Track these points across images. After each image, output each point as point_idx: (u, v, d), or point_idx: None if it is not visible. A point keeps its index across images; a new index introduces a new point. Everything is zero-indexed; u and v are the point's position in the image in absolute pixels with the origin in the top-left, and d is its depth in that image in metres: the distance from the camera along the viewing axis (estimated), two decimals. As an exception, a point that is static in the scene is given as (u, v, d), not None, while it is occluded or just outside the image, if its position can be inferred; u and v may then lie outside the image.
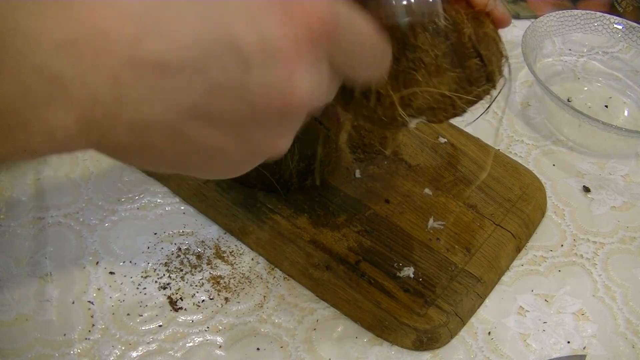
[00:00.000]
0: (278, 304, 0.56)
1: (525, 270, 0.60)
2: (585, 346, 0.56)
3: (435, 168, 0.65)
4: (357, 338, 0.54)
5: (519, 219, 0.62)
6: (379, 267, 0.56)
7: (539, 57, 0.78)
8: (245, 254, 0.58)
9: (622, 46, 0.80)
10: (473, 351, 0.54)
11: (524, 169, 0.66)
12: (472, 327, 0.56)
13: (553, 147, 0.72)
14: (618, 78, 0.79)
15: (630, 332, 0.57)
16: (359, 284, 0.55)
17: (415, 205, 0.61)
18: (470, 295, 0.56)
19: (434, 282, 0.56)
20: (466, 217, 0.61)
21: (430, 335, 0.53)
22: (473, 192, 0.63)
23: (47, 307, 0.53)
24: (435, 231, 0.60)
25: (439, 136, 0.68)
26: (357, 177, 0.63)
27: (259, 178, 0.58)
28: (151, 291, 0.55)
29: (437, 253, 0.58)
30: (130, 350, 0.52)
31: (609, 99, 0.77)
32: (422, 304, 0.55)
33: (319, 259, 0.56)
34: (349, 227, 0.59)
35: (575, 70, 0.80)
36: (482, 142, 0.68)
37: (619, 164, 0.71)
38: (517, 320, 0.57)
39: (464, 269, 0.57)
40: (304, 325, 0.54)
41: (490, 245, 0.59)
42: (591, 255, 0.62)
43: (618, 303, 0.59)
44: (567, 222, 0.65)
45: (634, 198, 0.68)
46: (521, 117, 0.75)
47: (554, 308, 0.58)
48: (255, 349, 0.53)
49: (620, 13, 0.86)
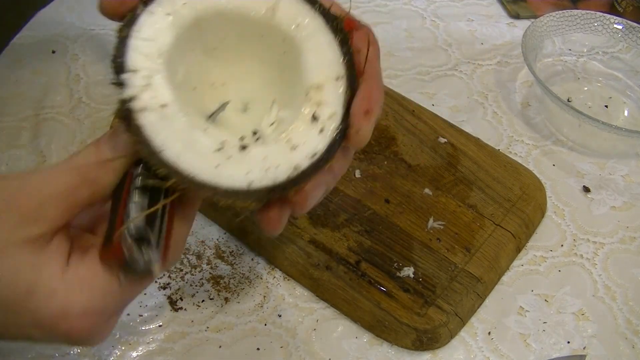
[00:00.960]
0: (278, 304, 0.55)
1: (525, 270, 0.60)
2: (585, 346, 0.56)
3: (435, 168, 0.65)
4: (357, 338, 0.54)
5: (519, 219, 0.62)
6: (379, 267, 0.56)
7: (539, 57, 0.78)
8: (245, 254, 0.58)
9: (622, 46, 0.80)
10: (473, 351, 0.54)
11: (524, 169, 0.66)
12: (472, 327, 0.56)
13: (553, 147, 0.72)
14: (618, 78, 0.79)
15: (630, 332, 0.57)
16: (359, 284, 0.55)
17: (415, 205, 0.61)
18: (470, 295, 0.56)
19: (434, 282, 0.56)
20: (466, 217, 0.61)
21: (430, 335, 0.53)
22: (473, 192, 0.63)
23: (47, 307, 0.53)
24: (435, 231, 0.60)
25: (439, 136, 0.68)
26: (357, 177, 0.63)
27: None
28: (151, 291, 0.55)
29: (437, 253, 0.58)
30: (130, 350, 0.52)
31: (609, 99, 0.77)
32: (422, 304, 0.55)
33: (319, 259, 0.56)
34: (349, 227, 0.59)
35: (575, 70, 0.80)
36: (482, 142, 0.68)
37: (619, 164, 0.71)
38: (517, 320, 0.57)
39: (464, 269, 0.57)
40: (304, 325, 0.54)
41: (490, 245, 0.59)
42: (591, 255, 0.62)
43: (618, 303, 0.59)
44: (567, 222, 0.65)
45: (634, 198, 0.68)
46: (521, 117, 0.75)
47: (554, 308, 0.58)
48: (255, 349, 0.53)
49: (620, 13, 0.86)
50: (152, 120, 0.35)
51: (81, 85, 0.72)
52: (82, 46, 0.76)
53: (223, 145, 0.36)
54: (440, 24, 0.86)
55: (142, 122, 0.35)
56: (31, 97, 0.70)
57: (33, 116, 0.68)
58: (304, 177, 0.37)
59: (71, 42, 0.76)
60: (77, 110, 0.69)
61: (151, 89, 0.36)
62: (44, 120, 0.68)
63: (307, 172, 0.37)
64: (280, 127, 0.39)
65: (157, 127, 0.35)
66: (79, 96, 0.71)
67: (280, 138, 0.38)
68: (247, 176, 0.36)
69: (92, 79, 0.72)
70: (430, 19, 0.86)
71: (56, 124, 0.68)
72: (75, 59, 0.74)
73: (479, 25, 0.86)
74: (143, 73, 0.36)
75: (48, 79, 0.72)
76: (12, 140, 0.66)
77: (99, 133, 0.66)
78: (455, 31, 0.85)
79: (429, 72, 0.79)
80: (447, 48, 0.83)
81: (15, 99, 0.70)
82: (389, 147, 0.66)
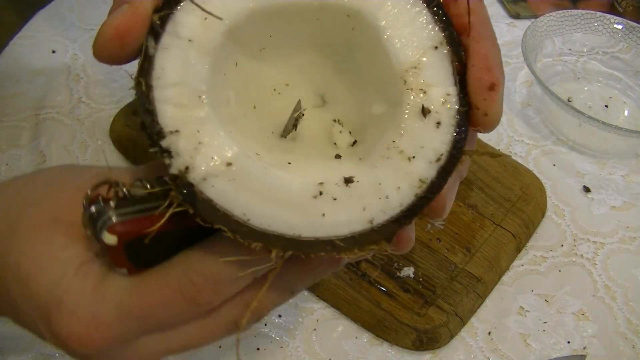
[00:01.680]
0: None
1: (525, 270, 0.60)
2: (585, 346, 0.56)
3: (435, 168, 0.65)
4: (357, 338, 0.54)
5: (519, 219, 0.62)
6: (379, 267, 0.56)
7: (539, 57, 0.77)
8: (245, 254, 0.58)
9: (622, 46, 0.80)
10: (473, 351, 0.54)
11: (524, 169, 0.66)
12: (472, 327, 0.56)
13: (553, 147, 0.72)
14: (618, 78, 0.79)
15: (630, 332, 0.57)
16: (359, 284, 0.55)
17: (415, 205, 0.61)
18: (470, 295, 0.56)
19: (434, 282, 0.56)
20: (466, 217, 0.61)
21: (430, 335, 0.53)
22: (473, 192, 0.63)
23: (47, 307, 0.53)
24: (435, 231, 0.59)
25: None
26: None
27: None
28: (151, 291, 0.55)
29: (437, 253, 0.58)
30: (130, 350, 0.52)
31: (609, 99, 0.77)
32: (422, 304, 0.55)
33: (319, 259, 0.56)
34: (349, 227, 0.58)
35: (575, 70, 0.80)
36: (482, 142, 0.68)
37: (619, 164, 0.71)
38: (517, 320, 0.57)
39: (464, 269, 0.57)
40: (304, 325, 0.54)
41: (490, 245, 0.59)
42: (591, 255, 0.62)
43: (618, 303, 0.59)
44: (567, 222, 0.65)
45: (634, 198, 0.68)
46: (521, 117, 0.75)
47: (554, 308, 0.58)
48: (255, 349, 0.53)
49: (620, 13, 0.86)
50: (221, 187, 0.27)
51: (81, 85, 0.72)
52: (82, 46, 0.76)
53: (322, 188, 0.29)
54: (440, 24, 0.86)
55: (210, 194, 0.27)
56: (31, 97, 0.70)
57: (33, 116, 0.68)
58: (434, 189, 0.30)
59: (71, 42, 0.76)
60: (77, 110, 0.69)
61: (205, 146, 0.28)
62: (44, 120, 0.68)
63: (437, 182, 0.30)
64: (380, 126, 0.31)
65: (230, 192, 0.27)
66: (79, 96, 0.71)
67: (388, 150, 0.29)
68: (365, 213, 0.29)
69: (92, 79, 0.72)
70: (430, 19, 0.86)
71: (56, 124, 0.68)
72: (75, 59, 0.74)
73: (479, 25, 0.86)
74: (188, 130, 0.28)
75: (48, 79, 0.72)
76: (12, 140, 0.66)
77: (99, 133, 0.67)
78: (455, 31, 0.85)
79: (429, 72, 0.79)
80: (447, 48, 0.83)
81: (15, 99, 0.70)
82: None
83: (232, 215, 0.27)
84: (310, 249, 0.28)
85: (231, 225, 0.27)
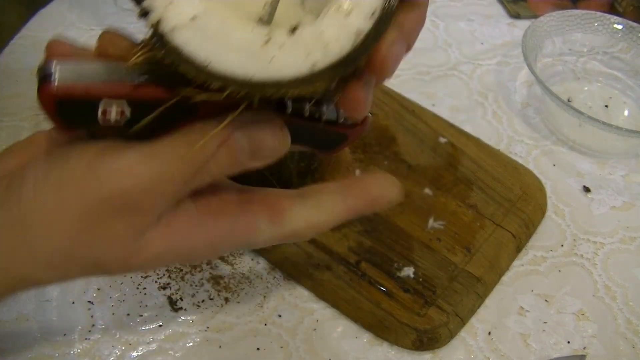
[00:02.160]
0: (278, 304, 0.55)
1: (525, 270, 0.60)
2: (585, 346, 0.56)
3: (435, 168, 0.65)
4: (357, 338, 0.54)
5: (519, 219, 0.62)
6: (379, 267, 0.56)
7: (539, 57, 0.78)
8: (245, 254, 0.58)
9: (622, 46, 0.80)
10: (473, 351, 0.54)
11: (524, 169, 0.66)
12: (472, 327, 0.56)
13: (553, 147, 0.72)
14: (618, 78, 0.79)
15: (630, 332, 0.57)
16: (359, 284, 0.55)
17: (415, 205, 0.61)
18: (470, 295, 0.56)
19: (434, 282, 0.56)
20: (466, 217, 0.61)
21: (430, 335, 0.53)
22: (473, 192, 0.63)
23: (47, 307, 0.53)
24: (435, 231, 0.60)
25: (439, 136, 0.68)
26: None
27: (259, 178, 0.57)
28: (151, 291, 0.55)
29: (437, 253, 0.58)
30: (130, 350, 0.52)
31: (609, 99, 0.77)
32: (422, 304, 0.55)
33: (319, 259, 0.56)
34: (349, 227, 0.59)
35: (575, 70, 0.80)
36: (482, 142, 0.68)
37: (619, 164, 0.71)
38: (517, 320, 0.57)
39: (464, 269, 0.57)
40: (304, 325, 0.54)
41: (490, 245, 0.59)
42: (591, 255, 0.62)
43: (618, 303, 0.59)
44: (567, 222, 0.65)
45: (634, 198, 0.68)
46: (521, 117, 0.75)
47: (554, 308, 0.58)
48: (255, 349, 0.53)
49: (620, 13, 0.86)
50: (187, 36, 0.32)
51: (81, 85, 0.72)
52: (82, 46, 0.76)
53: (270, 35, 0.33)
54: (440, 23, 0.86)
55: (178, 42, 0.32)
56: (31, 97, 0.70)
57: (33, 116, 0.68)
58: (371, 39, 0.33)
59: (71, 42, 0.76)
60: (77, 110, 0.69)
61: (175, 5, 0.32)
62: (44, 120, 0.68)
63: (373, 33, 0.33)
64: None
65: (194, 41, 0.32)
66: (79, 96, 0.70)
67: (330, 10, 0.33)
68: (308, 59, 0.32)
69: (92, 79, 0.72)
70: (430, 19, 0.86)
71: (56, 124, 0.67)
72: (75, 59, 0.74)
73: (479, 25, 0.86)
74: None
75: (48, 79, 0.72)
76: (12, 140, 0.65)
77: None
78: (455, 31, 0.85)
79: (429, 72, 0.79)
80: (447, 48, 0.83)
81: (15, 99, 0.70)
82: (389, 147, 0.66)
83: (195, 60, 0.32)
84: (260, 89, 0.32)
85: (194, 68, 0.32)
